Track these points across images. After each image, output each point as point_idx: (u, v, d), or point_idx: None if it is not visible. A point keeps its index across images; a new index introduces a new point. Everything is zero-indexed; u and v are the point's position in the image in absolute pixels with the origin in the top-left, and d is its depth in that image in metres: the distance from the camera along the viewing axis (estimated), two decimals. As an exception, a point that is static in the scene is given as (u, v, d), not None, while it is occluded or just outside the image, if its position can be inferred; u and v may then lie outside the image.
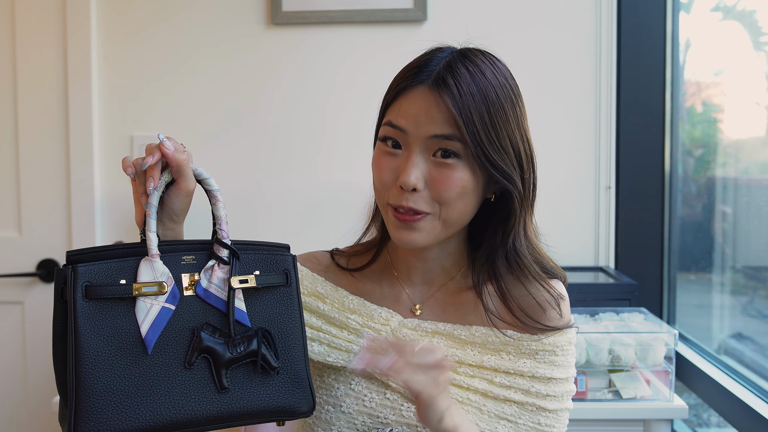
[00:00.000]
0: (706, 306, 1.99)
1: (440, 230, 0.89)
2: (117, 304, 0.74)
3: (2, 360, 2.03)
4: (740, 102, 1.89)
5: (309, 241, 1.10)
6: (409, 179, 0.86)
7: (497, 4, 1.94)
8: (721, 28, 1.98)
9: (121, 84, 2.01)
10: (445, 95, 0.86)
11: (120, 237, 2.00)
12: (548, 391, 0.91)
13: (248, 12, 1.98)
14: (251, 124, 2.00)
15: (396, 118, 0.89)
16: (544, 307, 0.94)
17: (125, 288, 0.74)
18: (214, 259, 0.80)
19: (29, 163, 2.00)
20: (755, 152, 1.81)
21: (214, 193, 0.85)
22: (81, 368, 0.72)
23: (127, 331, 0.74)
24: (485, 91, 0.88)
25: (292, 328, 0.81)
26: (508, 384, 0.90)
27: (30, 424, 2.03)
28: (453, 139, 0.86)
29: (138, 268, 0.75)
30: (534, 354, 0.92)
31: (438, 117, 0.86)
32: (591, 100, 1.95)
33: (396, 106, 0.90)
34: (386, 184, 0.89)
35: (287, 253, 0.84)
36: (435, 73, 0.88)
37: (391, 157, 0.89)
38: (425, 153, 0.87)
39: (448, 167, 0.87)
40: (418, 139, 0.87)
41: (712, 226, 1.91)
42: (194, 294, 0.77)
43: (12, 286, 2.01)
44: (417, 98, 0.88)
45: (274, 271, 0.82)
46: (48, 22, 1.97)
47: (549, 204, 1.97)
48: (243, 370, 0.77)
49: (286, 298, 0.82)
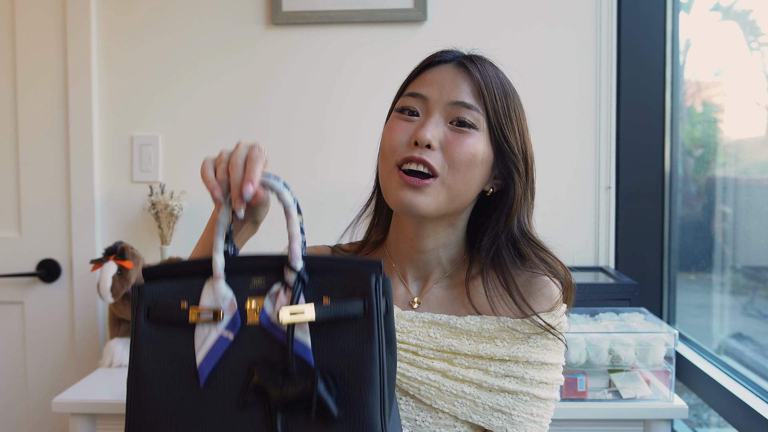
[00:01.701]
0: (706, 306, 1.99)
1: (443, 199, 0.90)
2: (178, 329, 0.68)
3: (2, 360, 2.03)
4: (740, 102, 1.89)
5: (309, 241, 1.10)
6: (426, 134, 0.87)
7: (497, 4, 1.94)
8: (720, 28, 1.97)
9: (121, 84, 2.01)
10: (471, 68, 0.91)
11: (120, 237, 2.00)
12: (541, 378, 0.92)
13: (248, 12, 1.98)
14: (251, 124, 2.00)
15: (418, 88, 0.92)
16: (544, 295, 0.94)
17: (184, 313, 0.68)
18: (281, 282, 0.68)
19: (29, 163, 2.00)
20: (755, 152, 1.81)
21: (288, 209, 0.72)
22: (137, 394, 0.67)
23: (185, 358, 0.67)
24: (504, 82, 0.94)
25: (365, 369, 0.65)
26: (504, 372, 0.91)
27: (30, 424, 2.03)
28: (473, 109, 0.89)
29: (202, 290, 0.68)
30: (527, 338, 0.92)
31: (463, 86, 0.90)
32: (591, 100, 1.95)
33: (419, 80, 0.93)
34: (397, 145, 0.90)
35: (371, 274, 0.67)
36: (460, 57, 0.93)
37: (406, 123, 0.91)
38: (444, 119, 0.90)
39: (464, 133, 0.90)
40: (439, 104, 0.90)
41: (712, 226, 1.91)
42: (257, 323, 0.67)
43: (12, 286, 2.01)
44: (443, 70, 0.92)
45: (353, 297, 0.67)
46: (48, 22, 1.97)
47: (549, 204, 1.97)
48: (302, 416, 0.65)
49: (362, 331, 0.66)
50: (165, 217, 1.92)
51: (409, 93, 0.92)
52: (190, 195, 1.99)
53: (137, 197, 2.01)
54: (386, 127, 0.93)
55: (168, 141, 2.01)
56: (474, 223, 0.99)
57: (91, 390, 1.59)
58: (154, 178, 2.00)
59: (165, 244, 1.94)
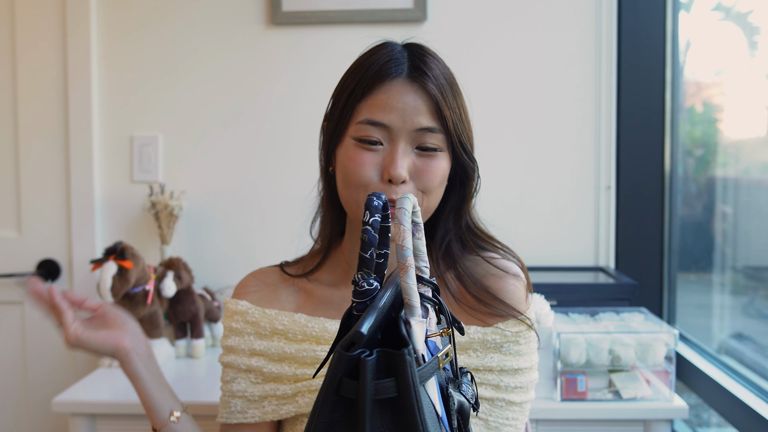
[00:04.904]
0: (706, 306, 1.99)
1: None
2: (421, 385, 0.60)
3: (2, 360, 2.03)
4: (740, 102, 1.89)
5: (307, 242, 1.10)
6: (401, 172, 0.86)
7: (497, 4, 1.94)
8: (721, 28, 1.97)
9: (121, 84, 2.01)
10: (426, 83, 0.87)
11: (120, 237, 2.00)
12: (516, 383, 0.92)
13: (248, 12, 1.98)
14: (251, 124, 2.00)
15: (377, 115, 0.87)
16: (504, 281, 0.94)
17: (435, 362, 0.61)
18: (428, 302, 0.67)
19: (29, 163, 2.00)
20: (755, 152, 1.81)
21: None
22: None
23: (434, 414, 0.60)
24: (449, 78, 0.91)
25: None
26: (479, 381, 0.91)
27: (30, 424, 2.03)
28: (437, 131, 0.88)
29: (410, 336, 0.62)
30: (499, 347, 0.92)
31: (423, 109, 0.87)
32: (591, 100, 1.95)
33: (373, 102, 0.88)
34: (366, 181, 0.87)
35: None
36: (407, 65, 0.89)
37: (370, 153, 0.88)
38: (410, 146, 0.88)
39: (431, 157, 0.89)
40: (403, 132, 0.88)
41: (712, 226, 1.91)
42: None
43: (12, 286, 2.01)
44: (397, 90, 0.88)
45: None
46: (48, 21, 1.97)
47: (549, 204, 1.97)
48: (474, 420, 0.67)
49: None
50: (165, 217, 1.92)
51: (368, 121, 0.87)
52: (190, 195, 1.99)
53: (137, 197, 2.01)
54: (348, 156, 0.89)
55: (168, 141, 2.01)
56: None
57: (90, 390, 1.59)
58: (154, 178, 2.00)
59: (165, 244, 1.94)
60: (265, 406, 0.96)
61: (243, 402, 0.97)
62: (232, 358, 0.98)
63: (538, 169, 1.96)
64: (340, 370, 0.57)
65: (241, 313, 0.98)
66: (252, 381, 0.97)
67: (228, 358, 0.99)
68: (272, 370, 0.95)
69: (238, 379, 0.98)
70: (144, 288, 1.72)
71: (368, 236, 0.63)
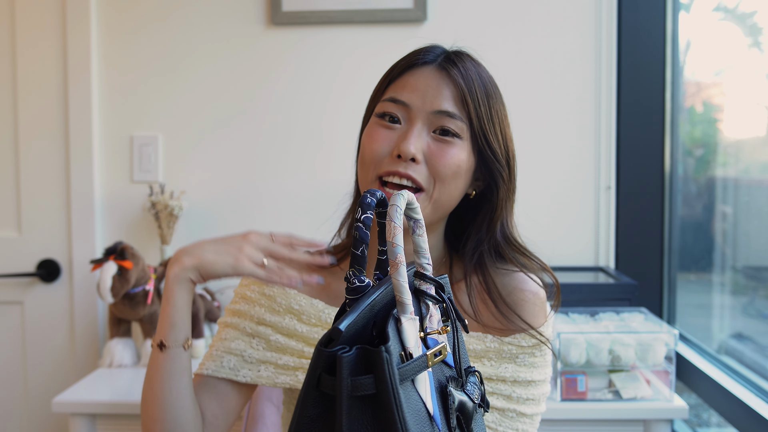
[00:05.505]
0: (706, 306, 1.99)
1: (428, 212, 0.89)
2: (409, 382, 0.58)
3: (2, 360, 2.03)
4: (740, 102, 1.89)
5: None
6: (410, 147, 0.85)
7: (497, 4, 1.94)
8: (721, 28, 1.97)
9: (121, 83, 2.01)
10: (454, 72, 0.88)
11: (120, 237, 2.00)
12: (528, 395, 0.91)
13: (248, 12, 1.98)
14: (251, 124, 2.00)
15: (399, 93, 0.89)
16: (527, 300, 0.93)
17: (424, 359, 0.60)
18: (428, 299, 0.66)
19: (29, 163, 2.00)
20: (755, 152, 1.81)
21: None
22: None
23: (424, 412, 0.59)
24: (486, 82, 0.91)
25: None
26: (491, 390, 0.90)
27: (30, 424, 2.03)
28: (457, 119, 0.87)
29: (400, 334, 0.61)
30: (514, 358, 0.92)
31: (446, 93, 0.87)
32: (591, 100, 1.95)
33: (399, 83, 0.90)
34: (379, 156, 0.88)
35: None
36: (442, 57, 0.90)
37: (387, 130, 0.88)
38: (427, 128, 0.88)
39: (448, 143, 0.88)
40: (422, 113, 0.87)
41: (712, 226, 1.91)
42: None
43: (12, 286, 2.01)
44: (424, 75, 0.89)
45: None
46: (48, 21, 1.97)
47: (549, 204, 1.97)
48: (480, 420, 0.66)
49: None
50: (165, 217, 1.92)
51: (390, 98, 0.89)
52: (190, 195, 1.99)
53: (137, 197, 2.01)
54: (366, 133, 0.91)
55: (168, 141, 2.01)
56: (453, 223, 0.98)
57: (91, 390, 1.59)
58: (154, 178, 2.00)
59: (165, 244, 1.94)
60: (260, 370, 0.93)
61: (238, 360, 0.94)
62: (237, 320, 0.96)
63: (538, 169, 1.96)
64: (319, 366, 0.57)
65: (260, 284, 0.97)
66: (253, 346, 0.94)
67: (233, 319, 0.96)
68: (279, 340, 0.94)
69: (238, 340, 0.95)
70: (144, 288, 1.72)
71: (359, 233, 0.63)
